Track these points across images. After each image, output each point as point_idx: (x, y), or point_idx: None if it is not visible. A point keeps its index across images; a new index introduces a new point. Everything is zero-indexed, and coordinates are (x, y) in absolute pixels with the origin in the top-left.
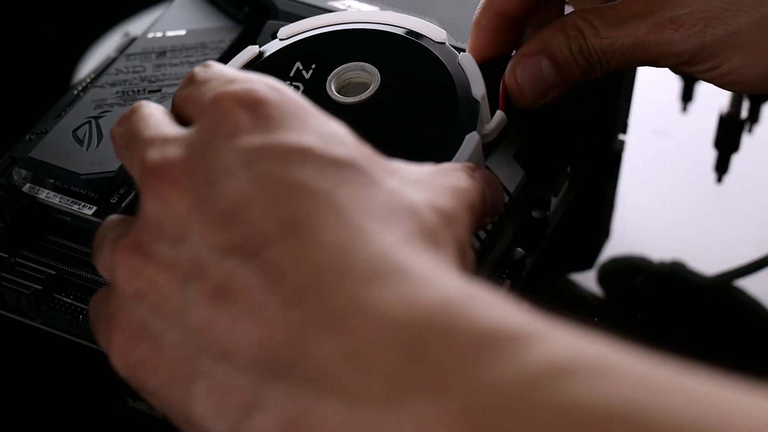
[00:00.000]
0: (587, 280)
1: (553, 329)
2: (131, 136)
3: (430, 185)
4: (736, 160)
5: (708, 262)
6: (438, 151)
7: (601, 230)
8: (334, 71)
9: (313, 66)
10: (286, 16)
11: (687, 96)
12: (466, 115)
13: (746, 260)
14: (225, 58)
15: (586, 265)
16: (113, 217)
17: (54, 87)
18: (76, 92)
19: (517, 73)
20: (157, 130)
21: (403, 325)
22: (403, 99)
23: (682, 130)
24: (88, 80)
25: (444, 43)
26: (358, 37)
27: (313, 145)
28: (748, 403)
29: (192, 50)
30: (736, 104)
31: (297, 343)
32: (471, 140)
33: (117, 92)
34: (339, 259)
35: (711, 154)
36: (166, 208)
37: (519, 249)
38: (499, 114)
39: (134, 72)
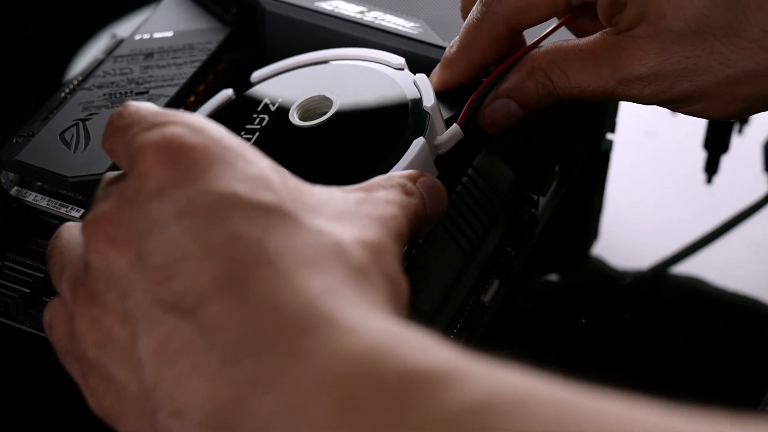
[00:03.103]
0: (575, 280)
1: (475, 365)
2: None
3: (357, 218)
4: (725, 161)
5: (697, 264)
6: (388, 159)
7: (590, 231)
8: (297, 103)
9: (279, 100)
10: (273, 18)
11: None
12: (415, 125)
13: (738, 263)
14: (212, 60)
15: (574, 265)
16: (68, 234)
17: (44, 88)
18: (63, 94)
19: (487, 113)
20: (99, 189)
21: (335, 376)
22: (359, 119)
23: (672, 131)
24: (75, 82)
25: (402, 69)
26: (322, 72)
27: (239, 191)
28: (664, 424)
29: (179, 52)
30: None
31: (240, 401)
32: (416, 145)
33: (104, 94)
34: (272, 313)
35: (700, 155)
36: (106, 261)
37: (507, 249)
38: (454, 128)
39: (121, 74)
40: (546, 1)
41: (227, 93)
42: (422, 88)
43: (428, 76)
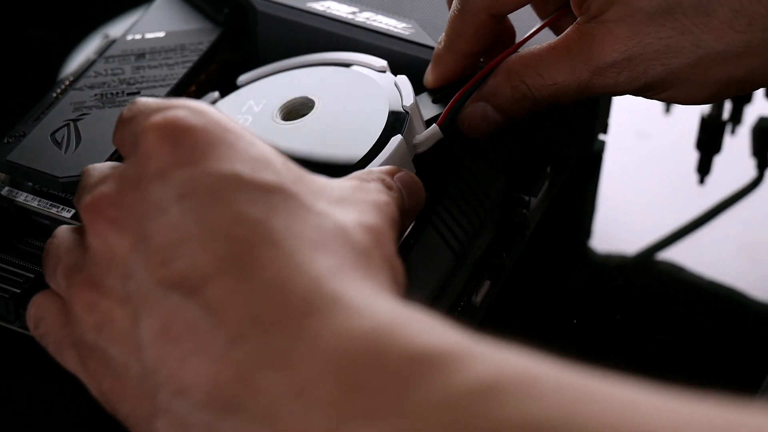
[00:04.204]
0: (567, 281)
1: (481, 347)
2: (79, 190)
3: (355, 203)
4: (718, 162)
5: (690, 264)
6: (366, 156)
7: (582, 231)
8: (281, 104)
9: (264, 101)
10: (265, 18)
11: None
12: (393, 123)
13: (729, 262)
14: (204, 60)
15: (566, 266)
16: (63, 233)
17: (43, 88)
18: (54, 95)
19: (464, 116)
20: (94, 174)
21: (340, 357)
22: (339, 118)
23: (665, 131)
24: (67, 83)
25: (384, 71)
26: (307, 75)
27: (241, 172)
28: (668, 406)
29: (171, 52)
30: (717, 106)
31: (245, 380)
32: (393, 142)
33: (96, 95)
34: (277, 293)
35: (693, 156)
36: (106, 243)
37: (498, 250)
38: (433, 128)
39: (113, 74)
40: None
41: (213, 95)
42: (402, 88)
43: (422, 76)
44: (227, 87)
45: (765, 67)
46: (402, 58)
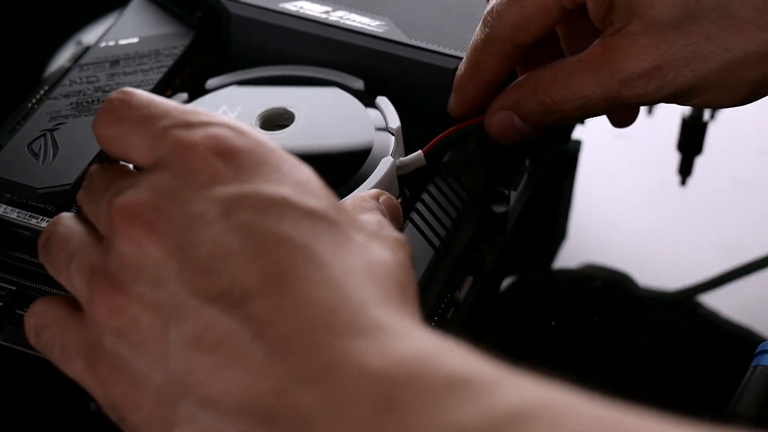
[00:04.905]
0: (545, 283)
1: (514, 377)
2: (94, 191)
3: (387, 239)
4: (699, 163)
5: (670, 266)
6: (356, 176)
7: (560, 232)
8: (258, 113)
9: (238, 108)
10: (238, 20)
11: None
12: (381, 144)
13: (709, 265)
14: (179, 64)
15: (544, 268)
16: (70, 222)
17: (22, 90)
18: (30, 104)
19: (492, 123)
20: (115, 179)
21: (381, 378)
22: (322, 133)
23: (646, 133)
24: (42, 92)
25: (362, 90)
26: (282, 84)
27: (289, 196)
28: None
29: (145, 58)
30: (698, 107)
31: (283, 394)
32: (385, 164)
33: (71, 103)
34: (323, 314)
35: (674, 157)
36: (141, 250)
37: (480, 244)
38: (418, 154)
39: (88, 82)
40: (539, 11)
41: (182, 97)
42: (385, 109)
43: (395, 73)
44: (198, 90)
45: None
46: (376, 55)
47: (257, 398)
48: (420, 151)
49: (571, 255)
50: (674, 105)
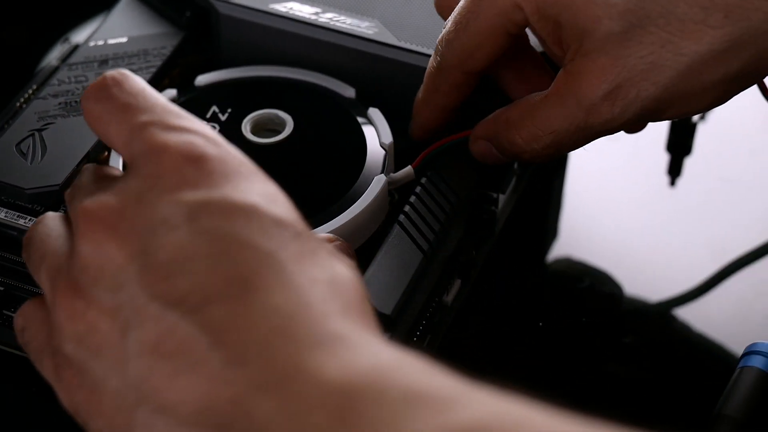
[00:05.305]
0: (533, 283)
1: (476, 392)
2: (76, 189)
3: (344, 259)
4: (689, 164)
5: (659, 268)
6: (349, 193)
7: (549, 233)
8: (250, 115)
9: (229, 110)
10: (227, 21)
11: None
12: (374, 160)
13: (698, 266)
14: (167, 64)
15: (532, 268)
16: (51, 222)
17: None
18: (18, 104)
19: (474, 150)
20: (95, 179)
21: (339, 389)
22: (314, 144)
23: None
24: (30, 91)
25: (353, 98)
26: (273, 86)
27: (257, 203)
28: None
29: (134, 57)
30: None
31: (239, 402)
32: (378, 182)
33: (60, 103)
34: (283, 322)
35: (663, 158)
36: (102, 253)
37: (468, 248)
38: (408, 169)
39: (77, 82)
40: (485, 38)
41: (171, 93)
42: (378, 123)
43: (386, 75)
44: (188, 87)
45: (759, 57)
46: (366, 57)
47: (213, 406)
48: (410, 166)
49: (559, 256)
50: None
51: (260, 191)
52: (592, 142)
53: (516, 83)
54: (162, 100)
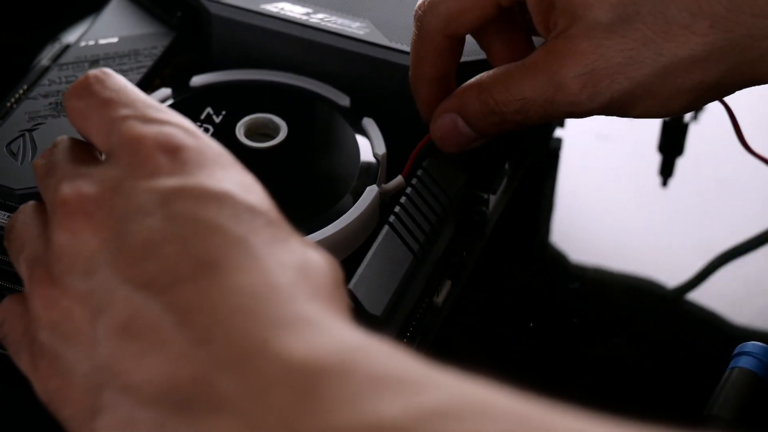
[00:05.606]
0: (524, 284)
1: (441, 375)
2: (50, 167)
3: (323, 253)
4: (681, 164)
5: (650, 268)
6: (341, 203)
7: (540, 233)
8: (244, 119)
9: (224, 113)
10: (219, 21)
11: None
12: (366, 171)
13: (689, 266)
14: (158, 65)
15: (523, 269)
16: (30, 211)
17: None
18: (8, 104)
19: (436, 127)
20: (73, 163)
21: (302, 368)
22: (307, 151)
23: (627, 134)
24: (21, 92)
25: (348, 107)
26: (269, 91)
27: (231, 190)
28: None
29: (125, 58)
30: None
31: (202, 380)
32: (369, 193)
33: (50, 103)
34: (248, 302)
35: (655, 158)
36: (77, 240)
37: (459, 249)
38: (399, 179)
39: (67, 82)
40: (476, 4)
41: (166, 92)
42: (371, 132)
43: (377, 75)
44: (183, 88)
45: (737, 70)
46: (356, 58)
47: (176, 386)
48: (400, 176)
49: (550, 257)
50: None
51: (236, 180)
52: (583, 144)
53: (500, 54)
54: (143, 96)
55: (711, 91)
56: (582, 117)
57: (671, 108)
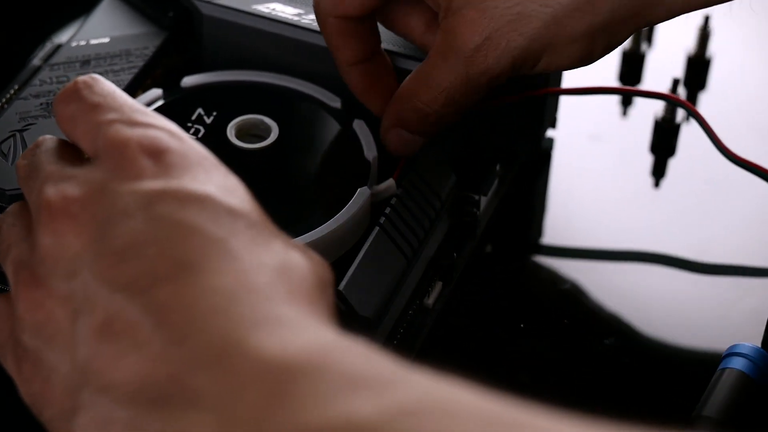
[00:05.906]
0: (515, 285)
1: (412, 375)
2: (33, 168)
3: (307, 254)
4: (672, 165)
5: (641, 269)
6: (332, 206)
7: (531, 235)
8: (235, 120)
9: (215, 113)
10: (210, 21)
11: (624, 101)
12: (358, 172)
13: (680, 267)
14: (150, 65)
15: (514, 270)
16: (17, 211)
17: None
18: None
19: (387, 143)
20: (57, 165)
21: (276, 367)
22: (299, 153)
23: (618, 134)
24: (12, 92)
25: (340, 109)
26: (260, 92)
27: (212, 193)
28: None
29: (116, 58)
30: (671, 109)
31: (177, 379)
32: (361, 195)
33: (41, 104)
34: (223, 302)
35: (647, 159)
36: (60, 242)
37: (450, 250)
38: (390, 182)
39: (58, 82)
40: None
41: (157, 93)
42: (362, 135)
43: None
44: (173, 88)
45: (623, 10)
46: None
47: (152, 384)
48: (391, 179)
49: (541, 258)
50: (647, 106)
51: (218, 183)
52: (575, 144)
53: (418, 32)
54: (130, 100)
55: (604, 33)
56: (500, 83)
57: (572, 56)
